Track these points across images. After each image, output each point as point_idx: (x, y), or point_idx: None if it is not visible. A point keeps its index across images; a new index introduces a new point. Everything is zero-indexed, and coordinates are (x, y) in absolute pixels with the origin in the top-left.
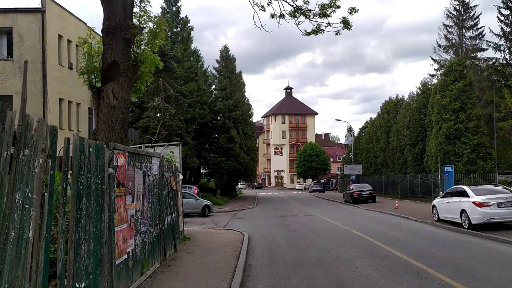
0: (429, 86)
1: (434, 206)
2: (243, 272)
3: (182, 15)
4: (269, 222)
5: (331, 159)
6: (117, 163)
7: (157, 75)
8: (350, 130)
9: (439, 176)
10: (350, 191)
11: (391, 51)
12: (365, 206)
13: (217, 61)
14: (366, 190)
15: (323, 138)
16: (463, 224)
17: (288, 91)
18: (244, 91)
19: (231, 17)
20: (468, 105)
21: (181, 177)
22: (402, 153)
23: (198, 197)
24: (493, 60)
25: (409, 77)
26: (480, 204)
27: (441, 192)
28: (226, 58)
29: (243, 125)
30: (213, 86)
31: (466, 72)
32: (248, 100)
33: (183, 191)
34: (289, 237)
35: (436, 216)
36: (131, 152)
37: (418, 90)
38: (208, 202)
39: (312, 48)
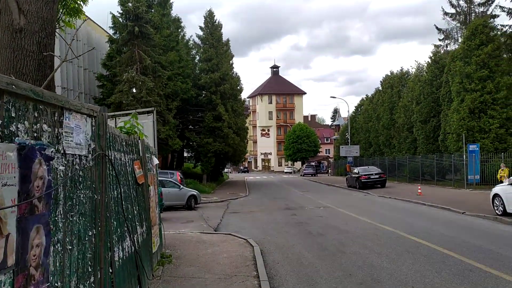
0: (441, 55)
1: (496, 195)
2: None
3: None
4: (276, 219)
5: (319, 141)
6: None
7: (131, 42)
8: (336, 111)
9: (464, 156)
10: (356, 175)
11: (374, 34)
12: (375, 192)
13: (200, 28)
14: (375, 174)
15: (309, 119)
16: None
17: (274, 69)
18: (232, 62)
19: (217, 0)
20: (497, 73)
21: (155, 161)
22: (410, 131)
23: (182, 186)
24: (506, 27)
25: (393, 59)
26: None
27: (505, 179)
28: (211, 25)
29: (232, 101)
30: (197, 58)
31: (494, 35)
32: (237, 73)
33: (163, 178)
34: (321, 249)
35: (500, 208)
36: None
37: (428, 60)
38: (194, 192)
39: (297, 30)
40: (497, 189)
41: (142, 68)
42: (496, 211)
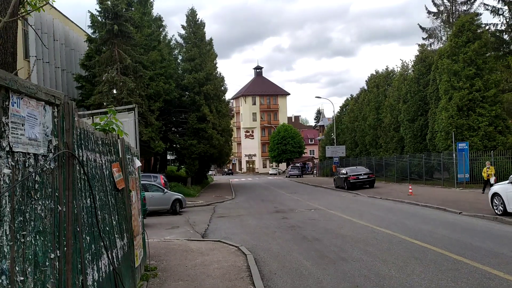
0: (427, 53)
1: (496, 194)
2: None
3: None
4: (266, 223)
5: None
6: None
7: (110, 41)
8: (319, 112)
9: (454, 154)
10: (344, 175)
11: (356, 35)
12: (365, 192)
13: (183, 27)
14: (364, 174)
15: (293, 120)
16: None
17: (258, 71)
18: (216, 62)
19: (199, 1)
20: (485, 70)
21: (137, 163)
22: (397, 130)
23: (166, 189)
24: (489, 26)
25: (374, 61)
26: None
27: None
28: (194, 23)
29: (216, 101)
30: (180, 58)
31: (480, 32)
32: (220, 74)
33: (146, 181)
34: (320, 256)
35: (500, 208)
36: None
37: (414, 58)
38: (179, 196)
39: (279, 32)
40: (496, 188)
41: (123, 68)
42: (496, 211)
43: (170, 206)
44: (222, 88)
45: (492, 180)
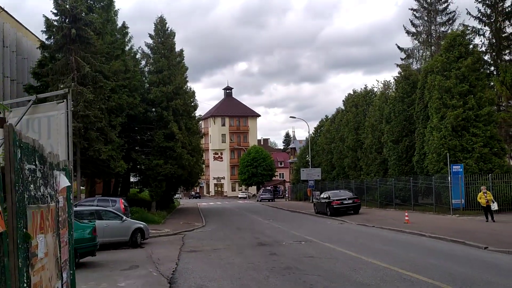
0: (411, 71)
1: None
2: None
3: None
4: (253, 262)
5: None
6: None
7: (66, 46)
8: (288, 136)
9: (449, 178)
10: (326, 200)
11: (323, 62)
12: (351, 219)
13: (150, 36)
14: (348, 199)
15: (262, 143)
16: None
17: (227, 91)
18: (187, 76)
19: (170, 25)
20: (478, 88)
21: (65, 182)
22: (379, 152)
23: (124, 217)
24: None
25: (340, 87)
26: None
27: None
28: (163, 33)
29: (186, 118)
30: (147, 70)
31: (472, 48)
32: (191, 88)
33: (100, 208)
34: None
35: None
36: None
37: (397, 76)
38: (141, 224)
39: (248, 57)
40: None
41: (80, 77)
42: None
43: (130, 237)
44: (193, 104)
45: (494, 206)
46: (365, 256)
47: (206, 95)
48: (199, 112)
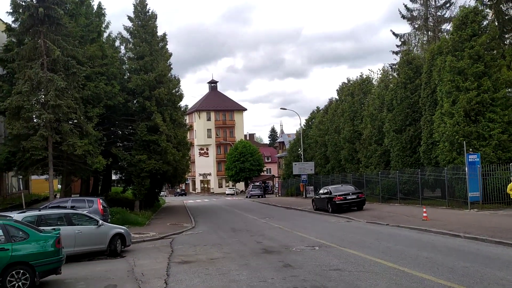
0: (414, 55)
1: None
2: None
3: None
4: (264, 277)
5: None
6: None
7: (34, 28)
8: (274, 131)
9: (466, 169)
10: (327, 196)
11: (307, 57)
12: (357, 216)
13: (129, 18)
14: (352, 194)
15: (248, 138)
16: None
17: (212, 85)
18: (171, 63)
19: (151, 6)
20: (493, 68)
21: None
22: (379, 143)
23: (101, 221)
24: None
25: (324, 82)
26: None
27: None
28: (143, 15)
29: (171, 108)
30: (127, 56)
31: (487, 25)
32: (176, 76)
33: (73, 209)
34: None
35: None
36: None
37: (398, 59)
38: (121, 229)
39: (233, 53)
40: None
41: (50, 62)
42: None
43: (108, 244)
44: (178, 93)
45: None
46: (409, 268)
47: (191, 92)
48: (184, 103)
